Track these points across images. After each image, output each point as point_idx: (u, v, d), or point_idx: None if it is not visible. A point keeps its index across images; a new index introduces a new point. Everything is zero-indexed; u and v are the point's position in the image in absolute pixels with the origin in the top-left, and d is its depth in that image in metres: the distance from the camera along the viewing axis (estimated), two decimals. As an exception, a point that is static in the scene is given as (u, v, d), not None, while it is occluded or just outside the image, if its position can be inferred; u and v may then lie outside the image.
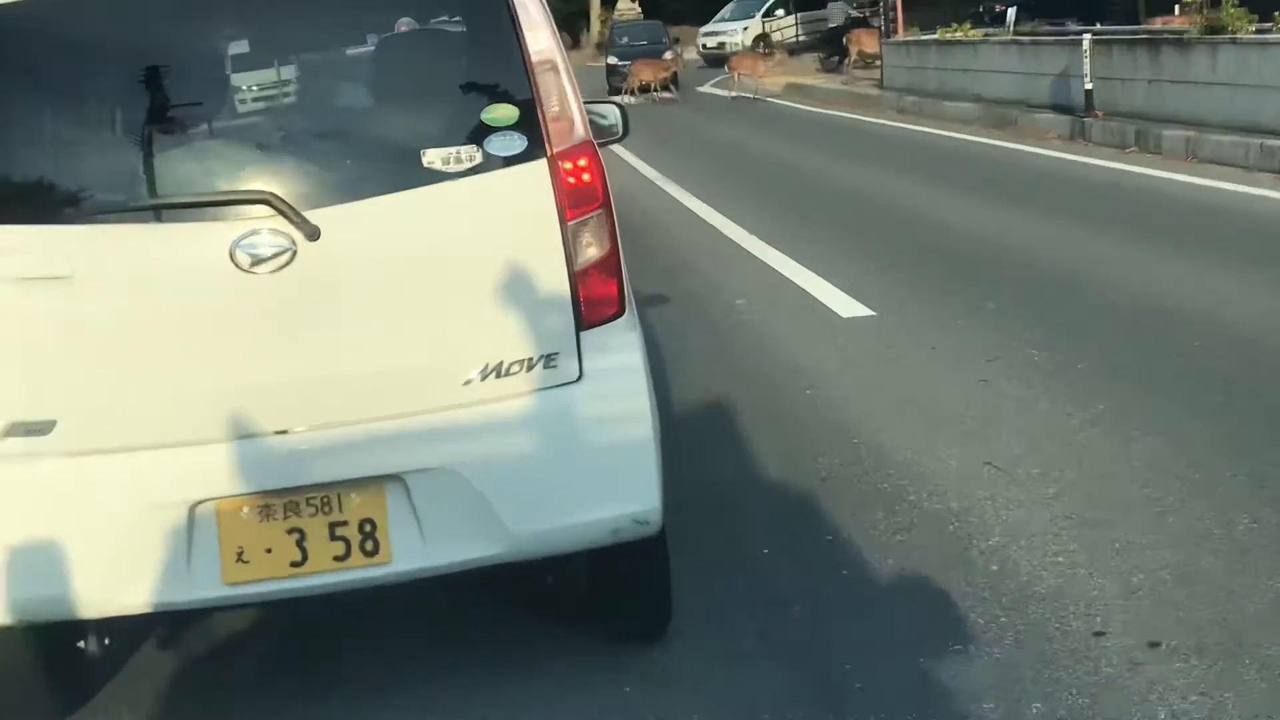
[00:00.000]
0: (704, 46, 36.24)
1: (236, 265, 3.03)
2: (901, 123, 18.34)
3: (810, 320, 7.32)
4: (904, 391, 5.86)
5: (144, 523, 3.05)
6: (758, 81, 24.55)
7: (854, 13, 30.88)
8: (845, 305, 7.54)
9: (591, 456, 3.23)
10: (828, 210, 11.12)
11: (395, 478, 3.13)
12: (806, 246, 9.35)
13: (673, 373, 6.35)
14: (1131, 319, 6.73)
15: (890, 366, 6.28)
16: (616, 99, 5.53)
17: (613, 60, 30.22)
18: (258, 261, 3.03)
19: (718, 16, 39.35)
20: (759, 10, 37.89)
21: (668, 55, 27.99)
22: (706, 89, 28.37)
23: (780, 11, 37.76)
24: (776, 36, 35.91)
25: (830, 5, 32.29)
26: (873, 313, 7.32)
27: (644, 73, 26.21)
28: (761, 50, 28.00)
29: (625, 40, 31.76)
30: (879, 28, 24.91)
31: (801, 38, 35.56)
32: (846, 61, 26.63)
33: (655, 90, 25.86)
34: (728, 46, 34.77)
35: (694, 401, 5.97)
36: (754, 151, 16.41)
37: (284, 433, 3.11)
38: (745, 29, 36.73)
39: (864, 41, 26.19)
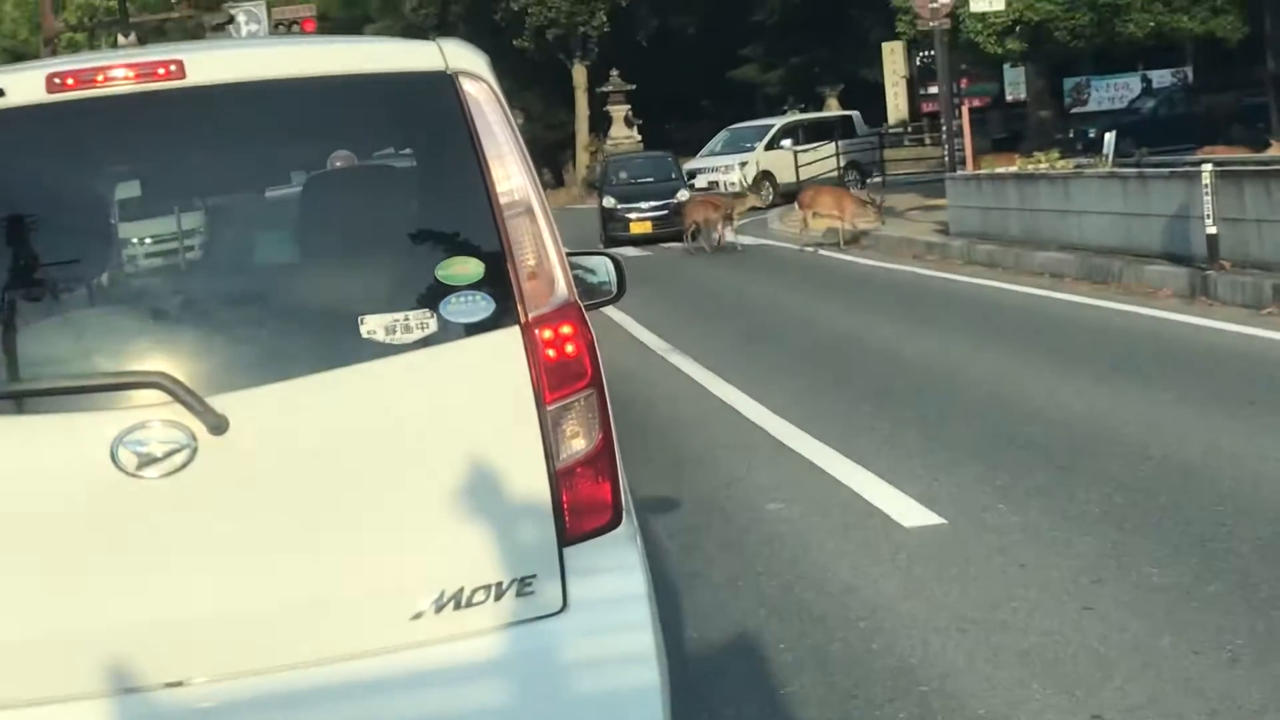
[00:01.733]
0: (692, 187, 36.87)
1: (119, 468, 3.02)
2: (974, 277, 18.54)
3: (864, 530, 7.29)
4: (985, 623, 5.80)
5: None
6: (849, 225, 24.64)
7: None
8: (908, 511, 7.51)
9: (581, 712, 3.18)
10: (884, 391, 11.16)
11: (322, 743, 3.09)
12: (857, 437, 9.37)
13: (685, 601, 6.30)
14: (1278, 529, 6.70)
15: (967, 590, 6.24)
16: (611, 251, 5.63)
17: (610, 202, 30.52)
18: (146, 463, 3.03)
19: (705, 150, 40.34)
20: (760, 140, 38.78)
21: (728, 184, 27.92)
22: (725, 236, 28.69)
23: (787, 141, 38.60)
24: (811, 169, 36.53)
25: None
26: (943, 520, 7.30)
27: (698, 212, 26.55)
28: (869, 196, 27.44)
29: (624, 176, 32.23)
30: (946, 157, 25.14)
31: (850, 176, 36.31)
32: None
33: (720, 230, 25.96)
34: (722, 185, 35.45)
35: (713, 639, 5.91)
36: (786, 313, 16.55)
37: (178, 685, 3.07)
38: (744, 164, 37.50)
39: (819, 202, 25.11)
